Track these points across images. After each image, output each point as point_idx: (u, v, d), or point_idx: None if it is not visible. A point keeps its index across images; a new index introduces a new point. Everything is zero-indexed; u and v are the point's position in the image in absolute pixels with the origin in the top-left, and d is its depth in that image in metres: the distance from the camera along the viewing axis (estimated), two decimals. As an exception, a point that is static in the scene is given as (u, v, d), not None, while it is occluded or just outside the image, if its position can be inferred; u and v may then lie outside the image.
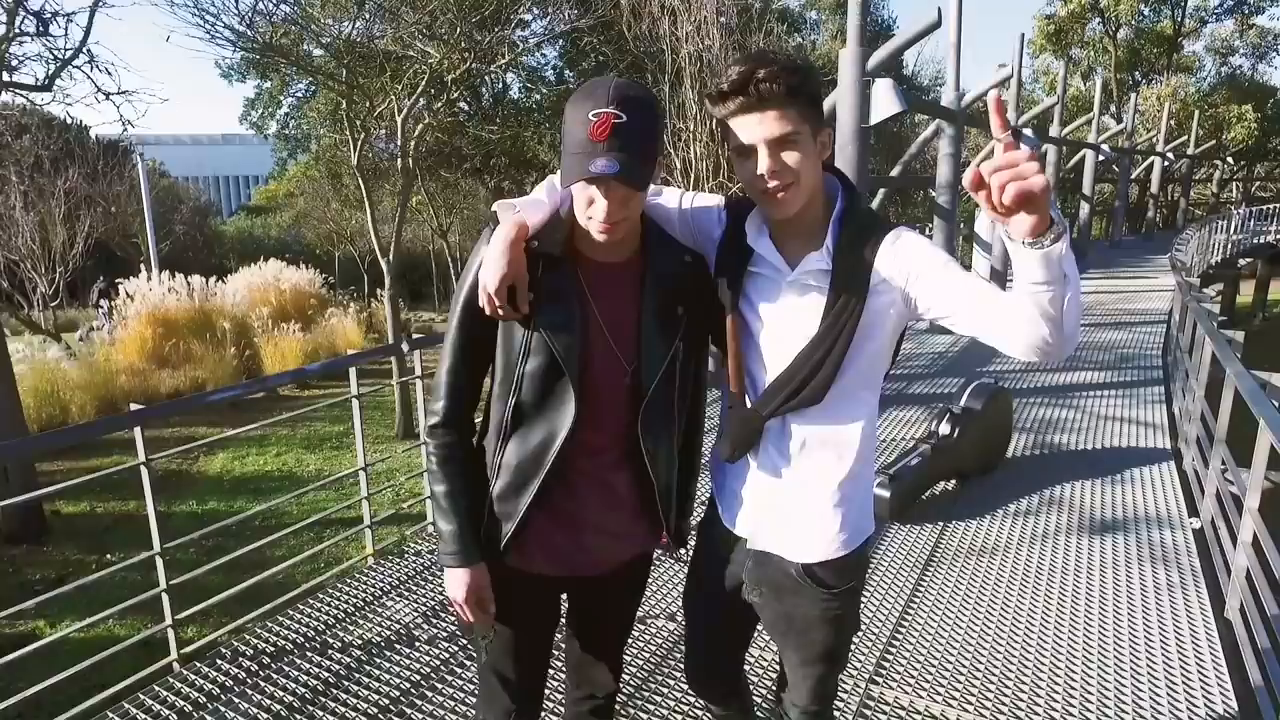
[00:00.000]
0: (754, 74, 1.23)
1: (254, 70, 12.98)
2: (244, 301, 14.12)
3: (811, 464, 1.44)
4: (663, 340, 1.41)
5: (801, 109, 1.25)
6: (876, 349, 1.38)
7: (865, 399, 1.43)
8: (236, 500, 7.05)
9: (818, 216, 1.37)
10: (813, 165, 1.30)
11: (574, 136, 1.22)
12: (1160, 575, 3.47)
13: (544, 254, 1.34)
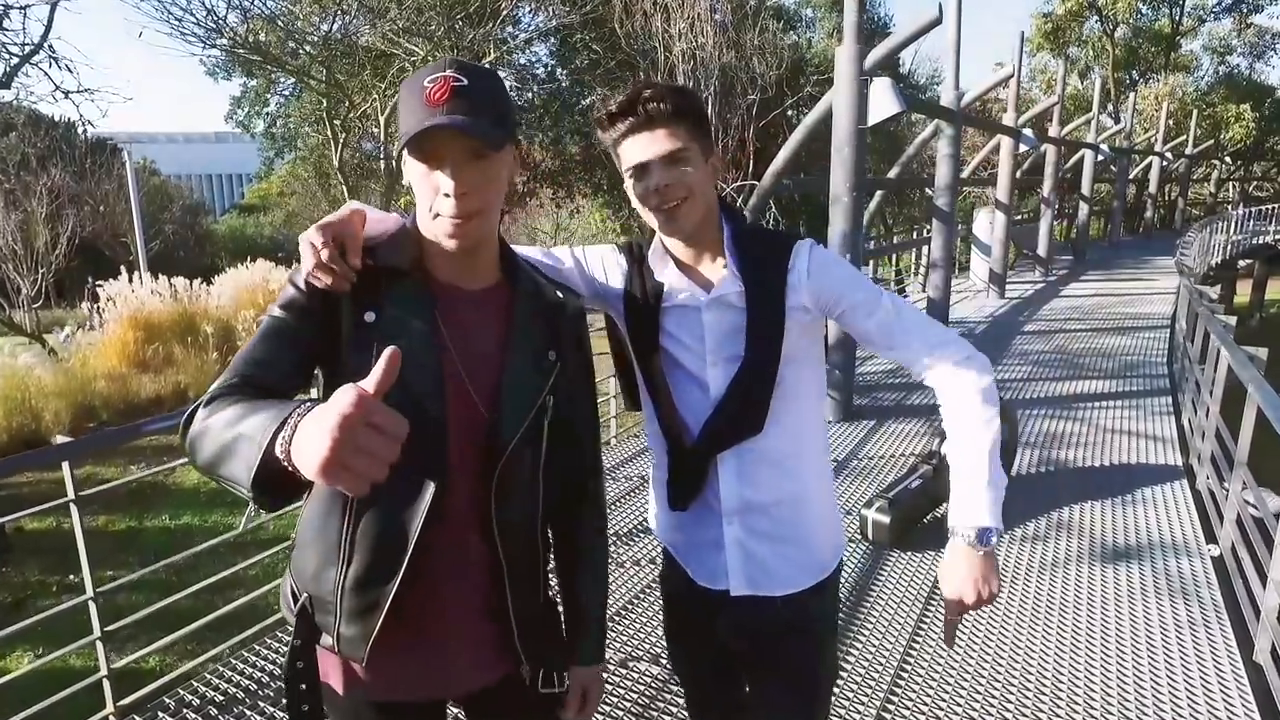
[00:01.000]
0: (640, 95, 1.26)
1: (239, 68, 12.70)
2: (230, 303, 13.85)
3: (771, 493, 1.39)
4: (529, 387, 1.16)
5: (689, 128, 1.28)
6: (807, 358, 1.39)
7: (809, 409, 1.43)
8: (212, 513, 6.80)
9: (716, 239, 1.38)
10: (706, 182, 1.32)
11: (409, 109, 1.04)
12: (1180, 610, 3.25)
13: (387, 268, 1.10)
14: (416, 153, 1.05)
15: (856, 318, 1.35)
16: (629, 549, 3.86)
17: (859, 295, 1.34)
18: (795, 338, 1.35)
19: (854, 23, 5.14)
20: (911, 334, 1.33)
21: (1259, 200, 31.20)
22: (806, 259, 1.35)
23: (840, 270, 1.37)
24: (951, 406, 1.32)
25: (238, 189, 44.96)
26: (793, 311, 1.34)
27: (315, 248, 1.06)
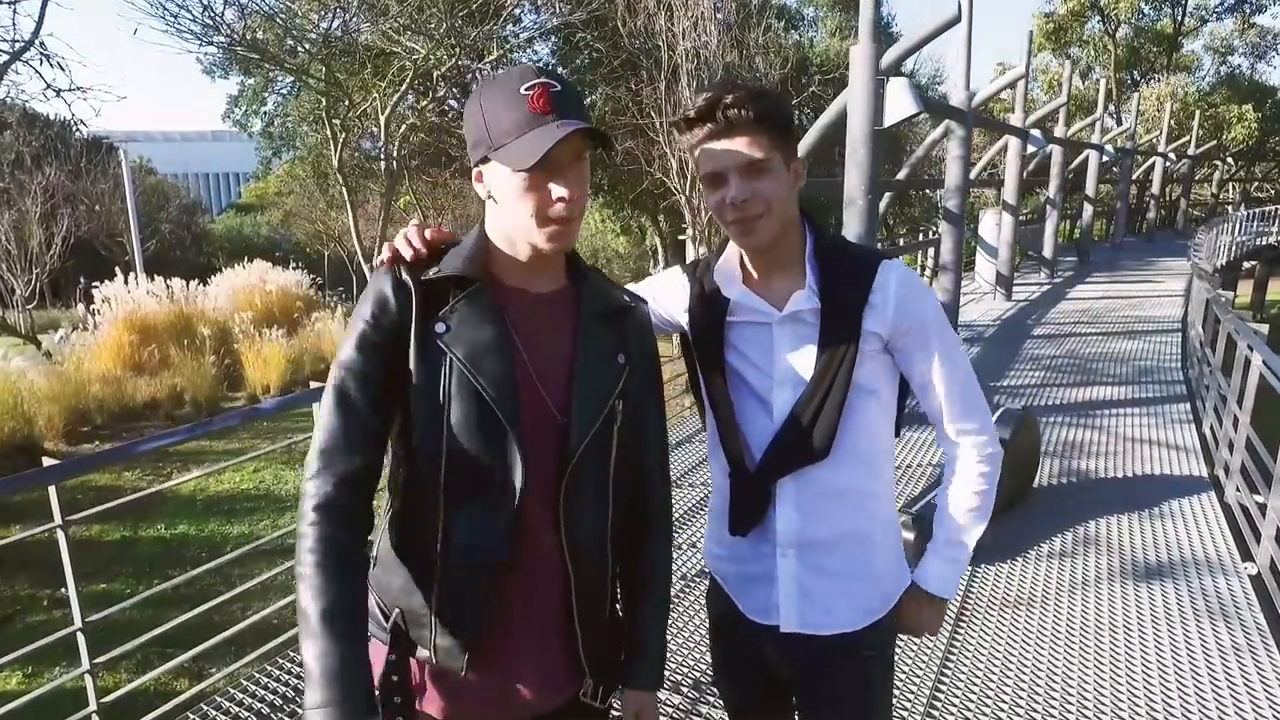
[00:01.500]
0: (720, 100, 1.19)
1: (237, 66, 12.52)
2: (227, 304, 13.67)
3: (833, 527, 1.31)
4: (600, 389, 1.15)
5: (772, 136, 1.20)
6: (882, 387, 1.31)
7: (880, 442, 1.34)
8: (209, 523, 6.65)
9: (795, 253, 1.30)
10: (786, 195, 1.23)
11: (509, 118, 1.04)
12: (1222, 634, 3.10)
13: (454, 278, 1.10)
14: (520, 161, 1.03)
15: (915, 359, 1.31)
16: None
17: (933, 341, 1.30)
18: (870, 364, 1.28)
19: (870, 21, 4.99)
20: (954, 401, 1.32)
21: (1259, 201, 31.16)
22: (894, 283, 1.27)
23: (927, 305, 1.30)
24: (953, 480, 1.37)
25: (234, 188, 44.73)
26: (869, 336, 1.26)
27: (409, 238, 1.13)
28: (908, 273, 1.29)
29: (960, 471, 1.35)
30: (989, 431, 1.34)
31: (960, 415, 1.33)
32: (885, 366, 1.32)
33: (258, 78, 14.43)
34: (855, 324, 1.25)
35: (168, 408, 10.16)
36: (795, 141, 1.26)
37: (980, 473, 1.34)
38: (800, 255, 1.30)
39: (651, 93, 10.93)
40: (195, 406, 10.19)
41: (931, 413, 1.34)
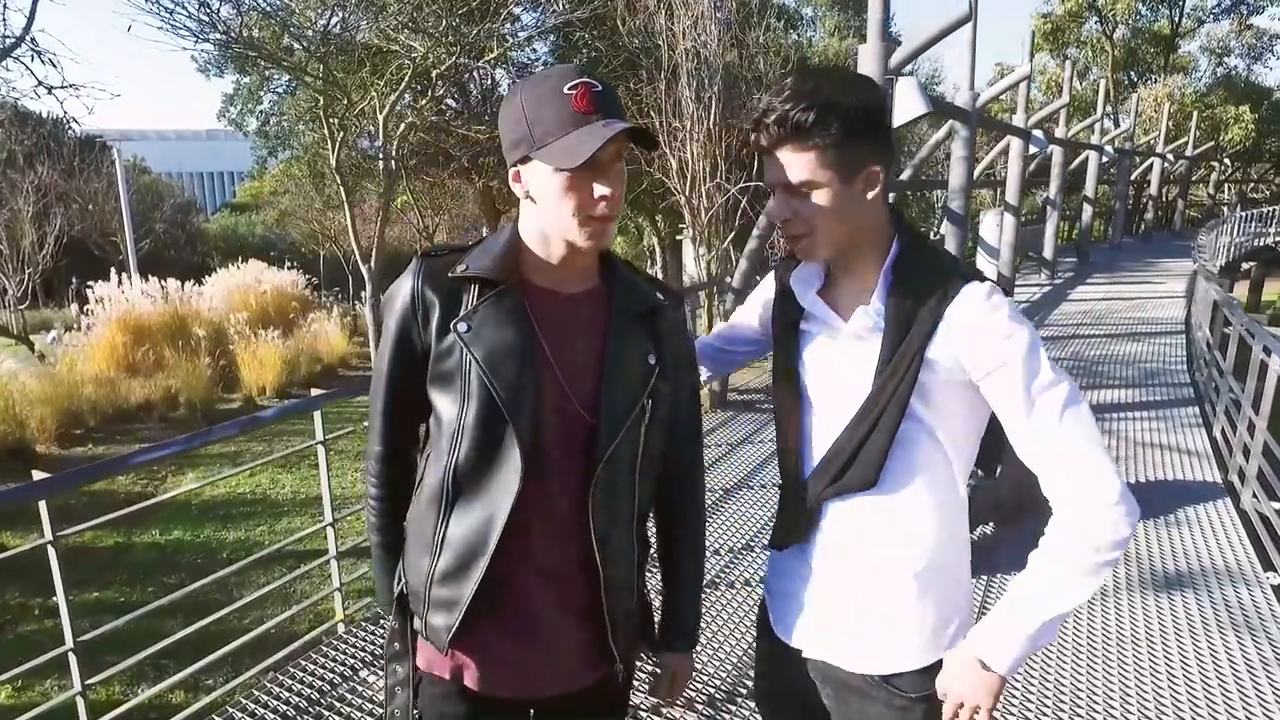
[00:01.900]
0: (766, 111, 1.10)
1: (231, 64, 12.38)
2: (222, 305, 13.53)
3: (870, 559, 1.21)
4: (629, 390, 1.16)
5: (821, 150, 1.08)
6: (945, 426, 1.16)
7: (939, 482, 1.19)
8: (205, 528, 6.52)
9: (871, 264, 1.18)
10: (836, 213, 1.12)
11: (552, 117, 1.04)
12: (1249, 647, 3.03)
13: (479, 279, 1.11)
14: (565, 160, 1.03)
15: (1000, 405, 1.11)
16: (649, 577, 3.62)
17: (1018, 388, 1.08)
18: (937, 397, 1.14)
19: (878, 20, 4.92)
20: (1062, 453, 1.07)
21: (1255, 202, 31.23)
22: (970, 312, 1.10)
23: (1011, 343, 1.09)
24: (1057, 541, 1.10)
25: (229, 188, 44.51)
26: (934, 366, 1.12)
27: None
28: (991, 300, 1.10)
29: (1068, 530, 1.09)
30: (1111, 479, 1.05)
31: (1059, 482, 1.09)
32: (959, 403, 1.16)
33: (253, 76, 14.29)
34: (917, 351, 1.11)
35: (162, 409, 10.03)
36: (865, 141, 1.10)
37: (1083, 536, 1.06)
38: (878, 266, 1.17)
39: (651, 92, 10.83)
40: (190, 408, 10.06)
41: (1034, 467, 1.12)
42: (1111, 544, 1.05)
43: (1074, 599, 1.09)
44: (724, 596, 3.41)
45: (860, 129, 1.09)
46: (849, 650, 1.26)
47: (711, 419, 6.06)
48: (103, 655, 3.19)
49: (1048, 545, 1.11)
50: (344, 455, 8.82)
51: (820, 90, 1.08)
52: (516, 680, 1.22)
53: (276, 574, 5.40)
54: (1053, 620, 1.11)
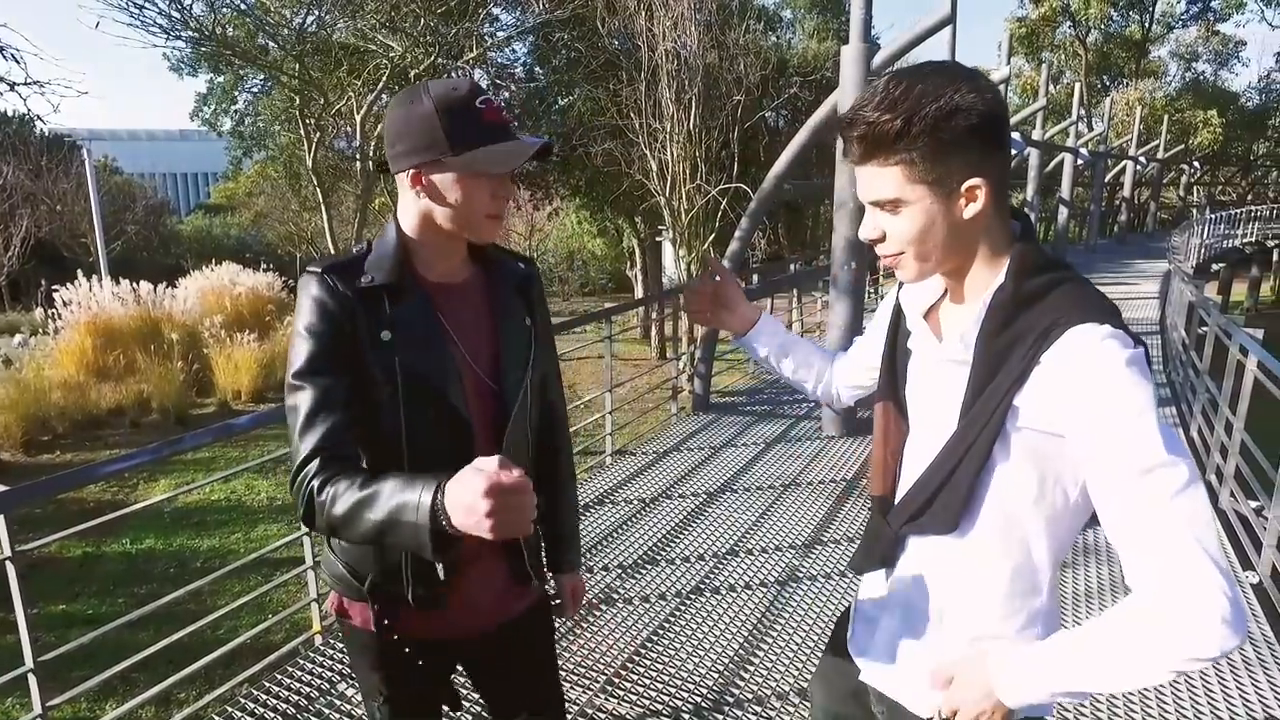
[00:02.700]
0: (849, 122, 1.01)
1: (205, 63, 12.18)
2: (196, 307, 13.31)
3: (939, 602, 1.15)
4: (520, 356, 1.35)
5: (911, 164, 0.98)
6: (1038, 483, 1.02)
7: (1025, 539, 1.06)
8: (177, 536, 6.38)
9: (977, 287, 1.07)
10: (932, 234, 1.02)
11: (470, 128, 1.16)
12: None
13: (384, 286, 1.21)
14: (497, 166, 1.17)
15: (1096, 462, 0.92)
16: (636, 582, 3.58)
17: (1119, 441, 0.90)
18: (1027, 450, 1.00)
19: (861, 20, 4.92)
20: (1147, 543, 0.88)
21: (1223, 204, 31.83)
22: (1071, 351, 0.94)
23: (1096, 390, 0.92)
24: (1141, 627, 0.90)
25: (203, 188, 43.86)
26: (1021, 412, 0.98)
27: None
28: (1103, 346, 0.92)
29: (1138, 611, 0.91)
30: (1205, 620, 0.84)
31: (1157, 578, 0.88)
32: (1054, 464, 1.01)
33: (228, 75, 14.07)
34: (1005, 395, 0.98)
35: (134, 415, 9.84)
36: (971, 154, 0.97)
37: (1158, 634, 0.88)
38: (986, 290, 1.05)
39: (631, 93, 10.81)
40: (163, 413, 9.87)
41: (1122, 554, 0.93)
42: (1197, 659, 0.86)
43: (1119, 686, 0.93)
44: (709, 602, 3.38)
45: (958, 139, 0.96)
46: (905, 687, 1.22)
47: (693, 422, 6.03)
48: (69, 671, 3.10)
49: (1125, 622, 0.92)
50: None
51: (911, 94, 0.95)
52: (464, 618, 1.37)
53: (252, 583, 5.30)
54: (1085, 691, 0.98)
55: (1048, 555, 1.08)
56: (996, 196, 1.01)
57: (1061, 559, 1.11)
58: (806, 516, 4.27)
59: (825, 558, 3.79)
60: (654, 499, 4.54)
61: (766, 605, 3.35)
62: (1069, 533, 1.08)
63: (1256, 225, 25.06)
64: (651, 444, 5.56)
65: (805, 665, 2.92)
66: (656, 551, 3.87)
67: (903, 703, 1.22)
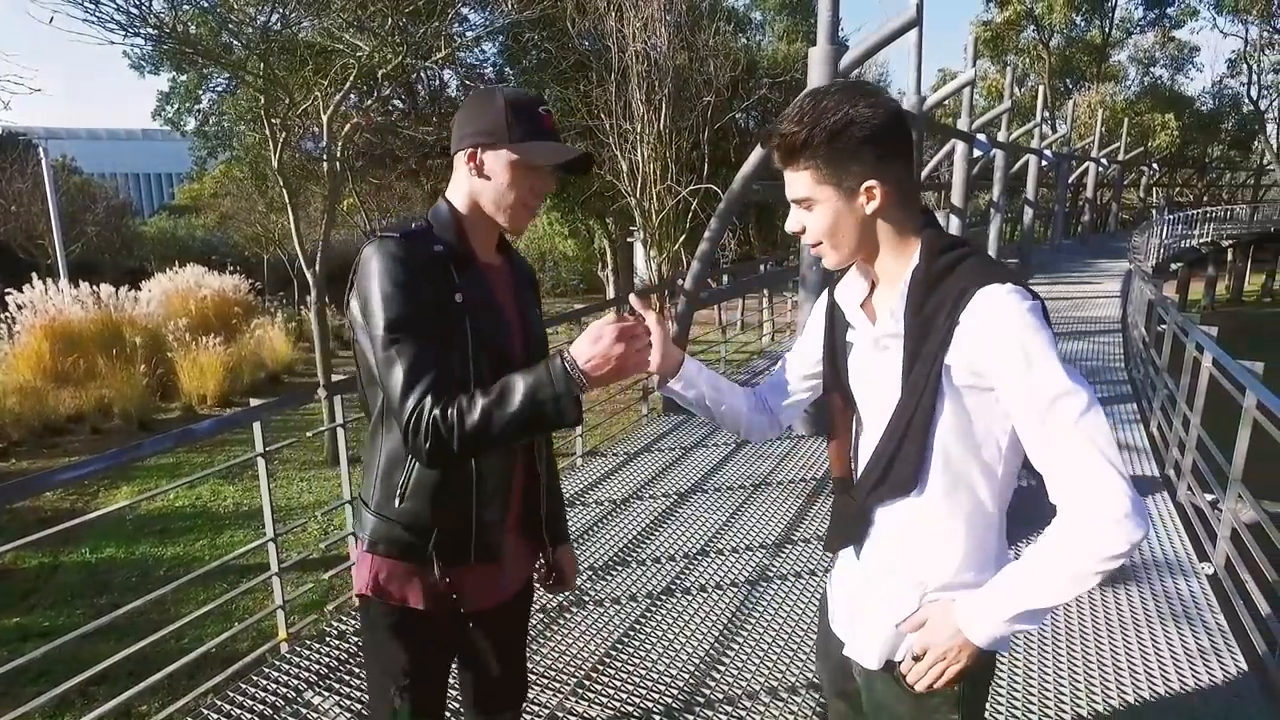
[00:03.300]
0: (768, 134, 1.19)
1: (167, 61, 11.95)
2: (159, 310, 13.04)
3: (903, 563, 1.26)
4: (541, 334, 1.54)
5: (817, 168, 1.15)
6: (976, 437, 1.16)
7: (973, 489, 1.20)
8: (140, 544, 6.25)
9: (898, 273, 1.21)
10: (840, 227, 1.19)
11: (530, 125, 1.34)
12: (1188, 637, 3.11)
13: (451, 255, 1.35)
14: (542, 158, 1.35)
15: (1015, 400, 1.09)
16: (607, 584, 3.57)
17: (1030, 379, 1.06)
18: (962, 403, 1.14)
19: (828, 22, 4.95)
20: (1073, 461, 1.05)
21: (1181, 205, 32.62)
22: (976, 314, 1.09)
23: (1008, 343, 1.07)
24: (1059, 540, 1.08)
25: (167, 189, 42.99)
26: (952, 370, 1.12)
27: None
28: (1007, 301, 1.08)
29: (1057, 531, 1.08)
30: (1109, 520, 1.02)
31: (1068, 491, 1.06)
32: (988, 412, 1.15)
33: (191, 74, 13.83)
34: (935, 357, 1.12)
35: (94, 420, 9.63)
36: (865, 159, 1.13)
37: (1076, 543, 1.05)
38: (905, 270, 1.19)
39: (601, 94, 10.80)
40: (125, 419, 9.67)
41: (1044, 475, 1.11)
42: (1112, 556, 1.04)
43: (1059, 598, 1.10)
44: (680, 603, 3.38)
45: (853, 147, 1.12)
46: (861, 641, 1.33)
47: (663, 423, 6.03)
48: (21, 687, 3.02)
49: (1049, 541, 1.09)
50: (289, 465, 8.58)
51: (815, 110, 1.12)
52: (497, 585, 1.53)
53: (218, 590, 5.21)
54: (1035, 611, 1.12)
55: (994, 502, 1.21)
56: (897, 194, 1.17)
57: (1006, 505, 1.24)
58: (777, 516, 4.30)
59: (796, 557, 3.81)
60: (625, 500, 4.53)
61: (737, 605, 3.36)
62: (1008, 479, 1.21)
63: (1211, 226, 25.73)
64: (622, 445, 5.56)
65: (776, 664, 2.93)
66: (627, 553, 3.87)
67: (863, 663, 1.32)
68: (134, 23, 6.47)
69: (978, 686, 1.29)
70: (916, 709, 1.27)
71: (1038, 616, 1.13)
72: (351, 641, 3.09)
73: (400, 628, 1.45)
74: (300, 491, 7.69)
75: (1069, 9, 30.24)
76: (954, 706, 1.25)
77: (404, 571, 1.43)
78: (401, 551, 1.42)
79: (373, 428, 1.42)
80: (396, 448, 1.37)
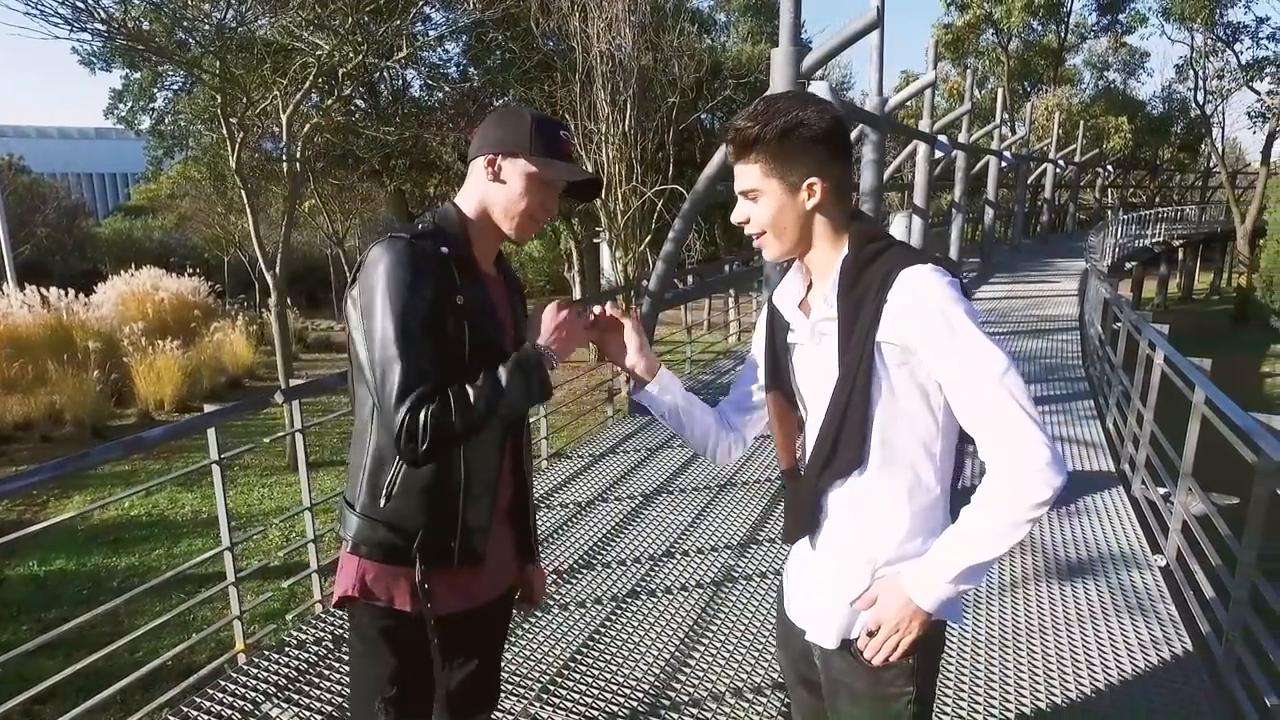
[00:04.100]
0: (724, 129, 1.33)
1: (119, 58, 11.64)
2: (113, 313, 12.71)
3: (853, 542, 1.32)
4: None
5: (766, 162, 1.24)
6: (910, 410, 1.24)
7: (913, 463, 1.27)
8: (92, 556, 6.07)
9: (830, 267, 1.29)
10: (781, 219, 1.27)
11: (551, 145, 1.41)
12: (1141, 629, 3.18)
13: (458, 259, 1.38)
14: (556, 175, 1.42)
15: (941, 367, 1.19)
16: (572, 587, 3.55)
17: (952, 346, 1.16)
18: (897, 379, 1.22)
19: (790, 24, 4.98)
20: (996, 419, 1.15)
21: (1134, 206, 33.47)
22: (899, 292, 1.19)
23: (929, 316, 1.17)
24: (987, 498, 1.18)
25: (123, 190, 41.91)
26: (884, 348, 1.21)
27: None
28: (928, 279, 1.18)
29: (996, 488, 1.17)
30: (1034, 443, 1.13)
31: (992, 447, 1.16)
32: (918, 383, 1.23)
33: (145, 71, 13.48)
34: (867, 336, 1.20)
35: (44, 428, 9.35)
36: (809, 159, 1.23)
37: (1025, 493, 1.14)
38: (837, 261, 1.28)
39: (566, 95, 10.76)
40: (78, 426, 9.41)
41: (971, 434, 1.21)
42: (1035, 504, 1.13)
43: (995, 550, 1.18)
44: (645, 605, 3.37)
45: (799, 147, 1.22)
46: (815, 620, 1.38)
47: (629, 424, 6.03)
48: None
49: (978, 501, 1.18)
50: (250, 471, 8.42)
51: (768, 111, 1.22)
52: (485, 587, 1.54)
53: (174, 601, 5.08)
54: (975, 567, 1.19)
55: (935, 477, 1.28)
56: (835, 193, 1.26)
57: (947, 479, 1.31)
58: (741, 516, 4.31)
59: (760, 557, 3.83)
60: (590, 502, 4.52)
61: (703, 606, 3.37)
62: (948, 454, 1.29)
63: (1163, 226, 26.42)
64: (588, 447, 5.54)
65: (741, 665, 2.94)
66: (592, 555, 3.85)
67: (822, 644, 1.36)
68: (80, 17, 6.27)
69: (929, 657, 1.34)
70: (873, 682, 1.31)
71: (979, 573, 1.21)
72: (312, 651, 3.03)
73: (388, 631, 1.45)
74: (261, 498, 7.53)
75: (1026, 13, 30.85)
76: (909, 677, 1.30)
77: (389, 573, 1.43)
78: (386, 553, 1.42)
79: (361, 428, 1.42)
80: (384, 448, 1.39)
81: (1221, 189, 31.13)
